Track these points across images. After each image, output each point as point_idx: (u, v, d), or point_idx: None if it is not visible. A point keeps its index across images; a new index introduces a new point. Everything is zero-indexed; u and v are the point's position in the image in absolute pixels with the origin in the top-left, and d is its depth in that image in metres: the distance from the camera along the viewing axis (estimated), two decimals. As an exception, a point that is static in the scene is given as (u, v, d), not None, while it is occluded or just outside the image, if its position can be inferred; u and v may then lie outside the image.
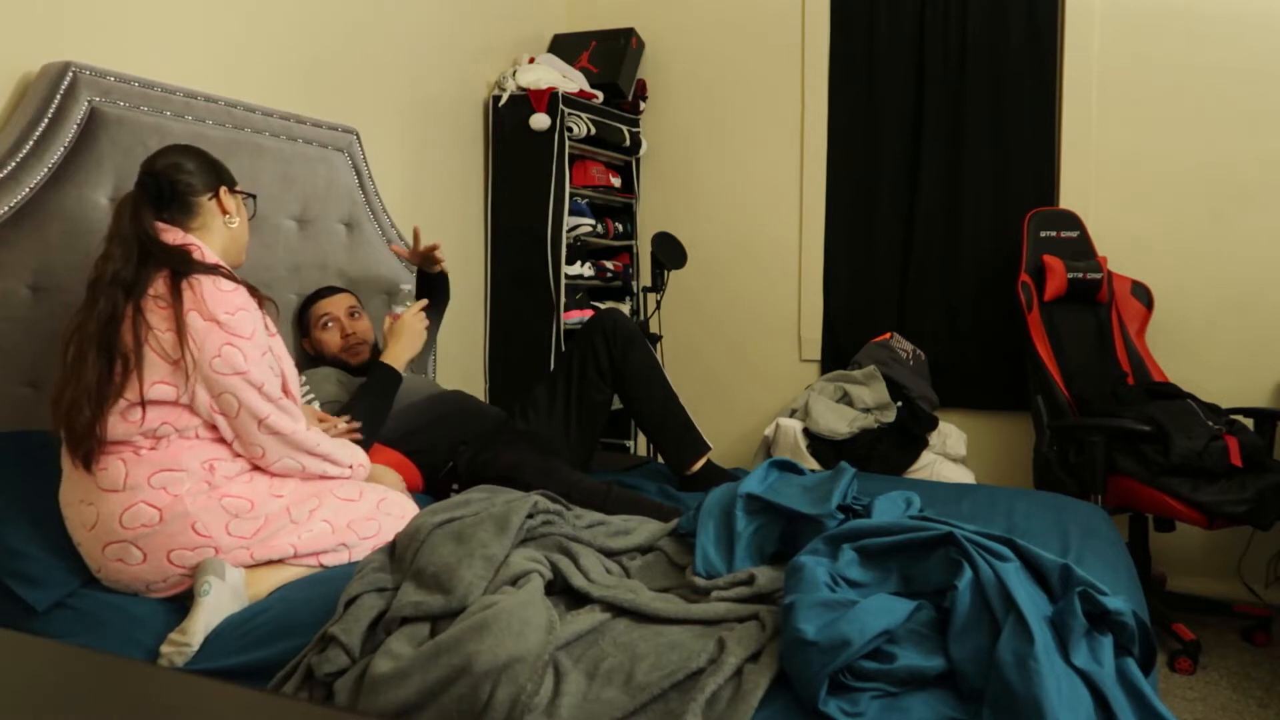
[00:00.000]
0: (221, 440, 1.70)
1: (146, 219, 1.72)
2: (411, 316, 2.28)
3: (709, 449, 2.42)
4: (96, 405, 1.58)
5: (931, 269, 3.44)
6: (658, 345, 3.21)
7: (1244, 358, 3.07)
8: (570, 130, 3.32)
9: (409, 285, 2.55)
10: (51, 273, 1.92)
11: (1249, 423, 2.78)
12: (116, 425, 1.60)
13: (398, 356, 2.24)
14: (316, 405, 2.23)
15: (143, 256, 1.67)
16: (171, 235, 1.74)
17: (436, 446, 2.29)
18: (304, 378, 2.30)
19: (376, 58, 2.95)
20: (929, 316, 3.45)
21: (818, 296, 3.64)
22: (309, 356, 2.51)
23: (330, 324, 2.45)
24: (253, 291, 1.75)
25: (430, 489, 2.29)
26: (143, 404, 1.61)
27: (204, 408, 1.66)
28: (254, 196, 2.00)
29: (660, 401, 2.42)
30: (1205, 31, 3.08)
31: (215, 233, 1.83)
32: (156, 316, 1.63)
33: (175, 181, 1.78)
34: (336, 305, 2.47)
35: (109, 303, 1.62)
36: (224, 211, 1.85)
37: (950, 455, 3.08)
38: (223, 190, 1.86)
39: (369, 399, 2.15)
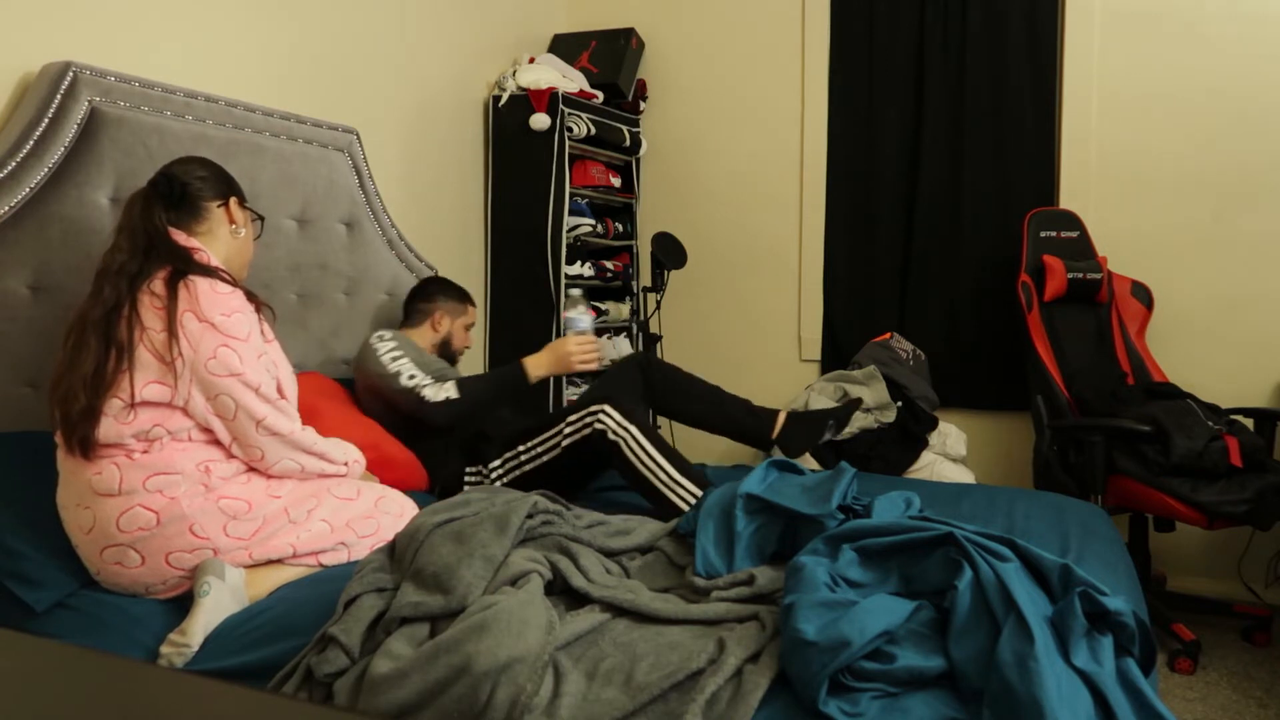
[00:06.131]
0: (216, 442, 1.69)
1: (156, 214, 1.74)
2: (574, 344, 2.27)
3: (778, 410, 2.44)
4: (93, 393, 1.59)
5: (931, 269, 3.44)
6: (658, 345, 3.21)
7: (1244, 358, 3.07)
8: (570, 130, 3.32)
9: (578, 291, 2.43)
10: (51, 273, 1.92)
11: (1249, 423, 2.78)
12: (110, 428, 1.60)
13: (537, 364, 2.30)
14: (407, 362, 2.27)
15: (148, 250, 1.69)
16: (178, 238, 1.75)
17: (449, 447, 2.32)
18: (395, 341, 2.34)
19: (376, 58, 2.95)
20: (929, 316, 3.44)
21: (818, 296, 3.64)
22: (412, 330, 2.59)
23: (469, 331, 2.67)
24: (250, 296, 1.76)
25: (437, 487, 2.30)
26: (134, 405, 1.61)
27: (199, 410, 1.66)
28: (262, 219, 2.02)
29: (710, 399, 2.44)
30: (1205, 31, 3.08)
31: (220, 240, 1.84)
32: (152, 315, 1.64)
33: (187, 183, 1.80)
34: (475, 320, 2.71)
35: (113, 292, 1.64)
36: (231, 221, 1.87)
37: (950, 455, 3.08)
38: (233, 201, 1.88)
39: (488, 382, 2.29)
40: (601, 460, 2.16)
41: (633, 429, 2.06)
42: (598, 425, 2.08)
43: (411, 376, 2.25)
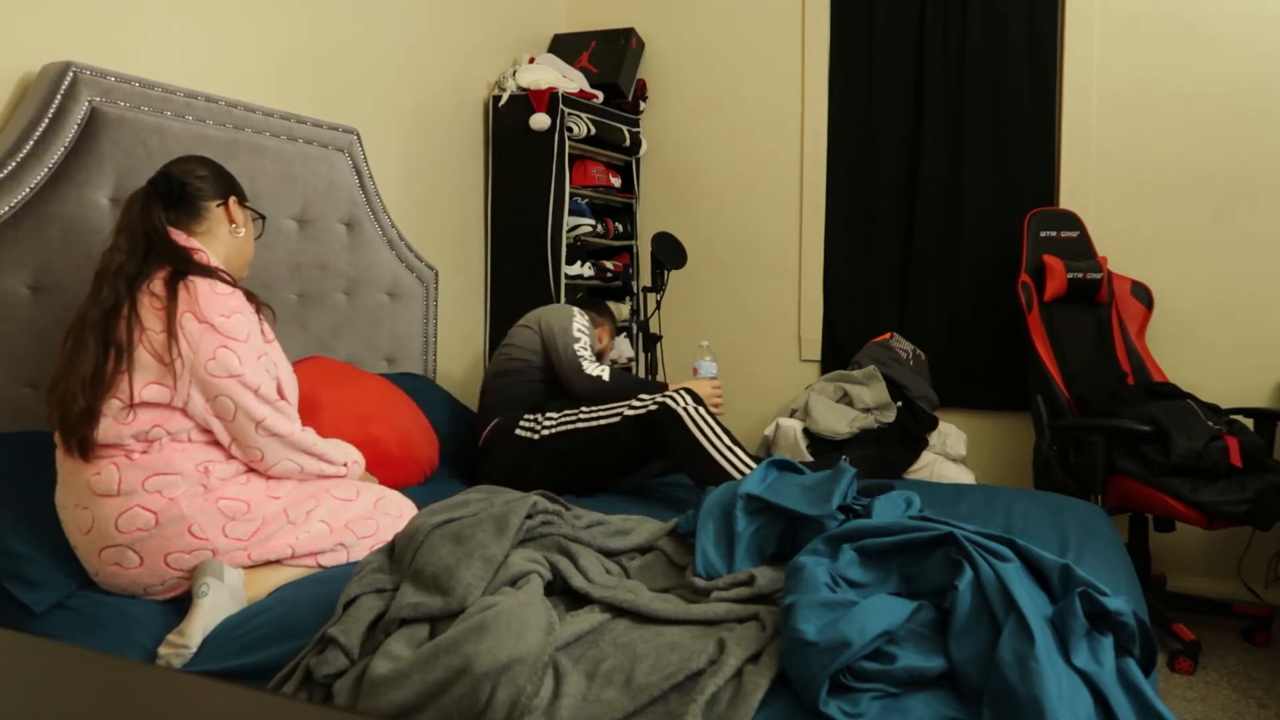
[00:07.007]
0: (215, 443, 1.69)
1: (155, 215, 1.73)
2: (709, 386, 2.55)
3: None
4: (91, 394, 1.58)
5: (931, 269, 3.44)
6: (658, 345, 3.21)
7: (1244, 358, 3.07)
8: (570, 130, 3.32)
9: (707, 342, 2.94)
10: (51, 273, 1.92)
11: (1249, 423, 2.78)
12: (109, 428, 1.60)
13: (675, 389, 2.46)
14: (586, 340, 2.57)
15: (147, 250, 1.68)
16: (177, 238, 1.75)
17: (524, 402, 2.50)
18: (588, 325, 2.64)
19: (376, 58, 2.95)
20: (929, 316, 3.44)
21: (818, 296, 3.64)
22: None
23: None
24: (250, 297, 1.75)
25: (492, 421, 2.46)
26: (133, 405, 1.61)
27: (199, 411, 1.65)
28: (264, 217, 2.01)
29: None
30: (1205, 31, 3.08)
31: (220, 240, 1.84)
32: (151, 316, 1.63)
33: (186, 184, 1.79)
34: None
35: (112, 293, 1.64)
36: (230, 221, 1.86)
37: (950, 455, 3.07)
38: (232, 200, 1.87)
39: (631, 380, 2.50)
40: (652, 447, 2.29)
41: (701, 408, 2.23)
42: (668, 402, 2.24)
43: (585, 348, 2.57)
